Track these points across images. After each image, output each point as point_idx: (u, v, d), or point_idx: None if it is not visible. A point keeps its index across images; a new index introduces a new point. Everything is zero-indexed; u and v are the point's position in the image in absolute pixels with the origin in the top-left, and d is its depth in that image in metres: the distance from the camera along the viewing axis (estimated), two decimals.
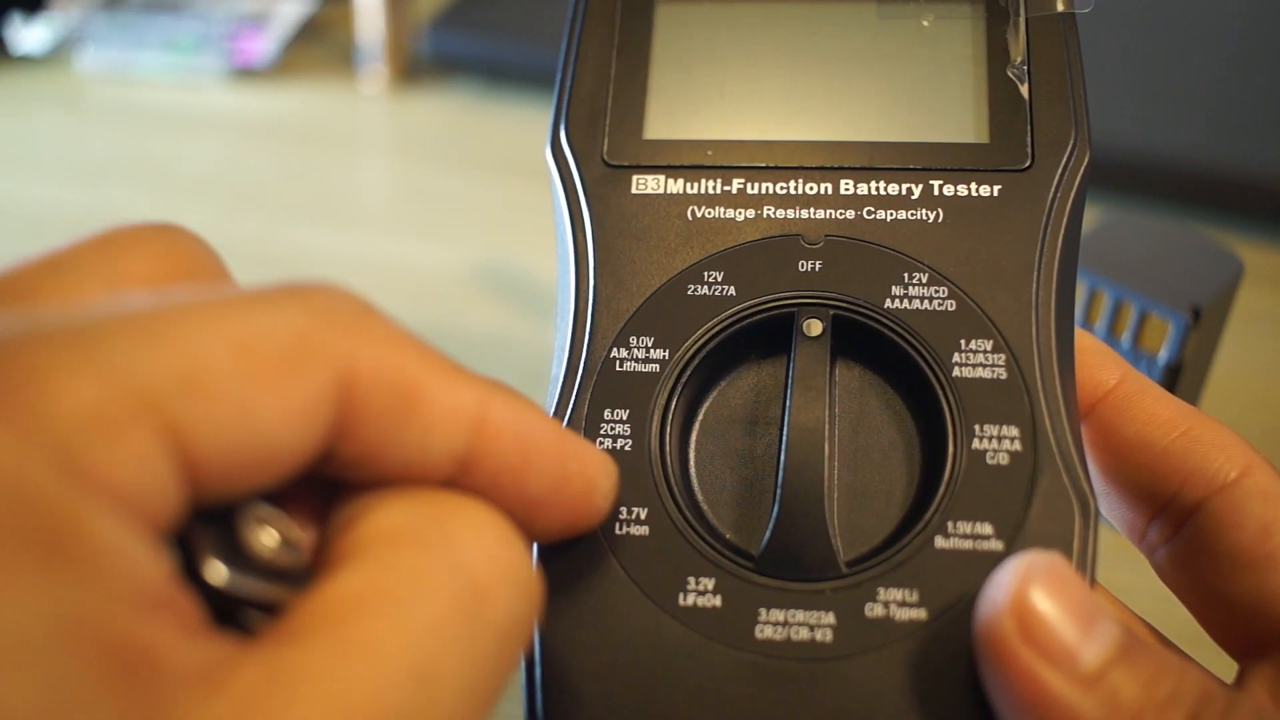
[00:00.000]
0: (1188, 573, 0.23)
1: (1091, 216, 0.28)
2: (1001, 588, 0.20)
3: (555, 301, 0.26)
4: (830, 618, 0.21)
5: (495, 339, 0.49)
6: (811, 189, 0.25)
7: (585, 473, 0.19)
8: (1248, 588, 0.22)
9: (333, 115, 0.67)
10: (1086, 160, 0.25)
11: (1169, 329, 0.37)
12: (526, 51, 0.66)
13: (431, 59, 0.69)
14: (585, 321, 0.25)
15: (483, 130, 0.65)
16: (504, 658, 0.16)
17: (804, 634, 0.21)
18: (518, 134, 0.64)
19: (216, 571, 0.15)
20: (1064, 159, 0.25)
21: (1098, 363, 0.25)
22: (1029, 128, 0.25)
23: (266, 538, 0.16)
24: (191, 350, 0.14)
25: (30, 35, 0.70)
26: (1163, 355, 0.37)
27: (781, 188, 0.25)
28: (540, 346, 0.49)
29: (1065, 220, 0.24)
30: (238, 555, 0.16)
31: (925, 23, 0.27)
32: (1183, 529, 0.23)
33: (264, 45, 0.70)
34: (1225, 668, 0.23)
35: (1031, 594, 0.19)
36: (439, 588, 0.15)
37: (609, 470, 0.20)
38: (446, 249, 0.55)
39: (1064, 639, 0.19)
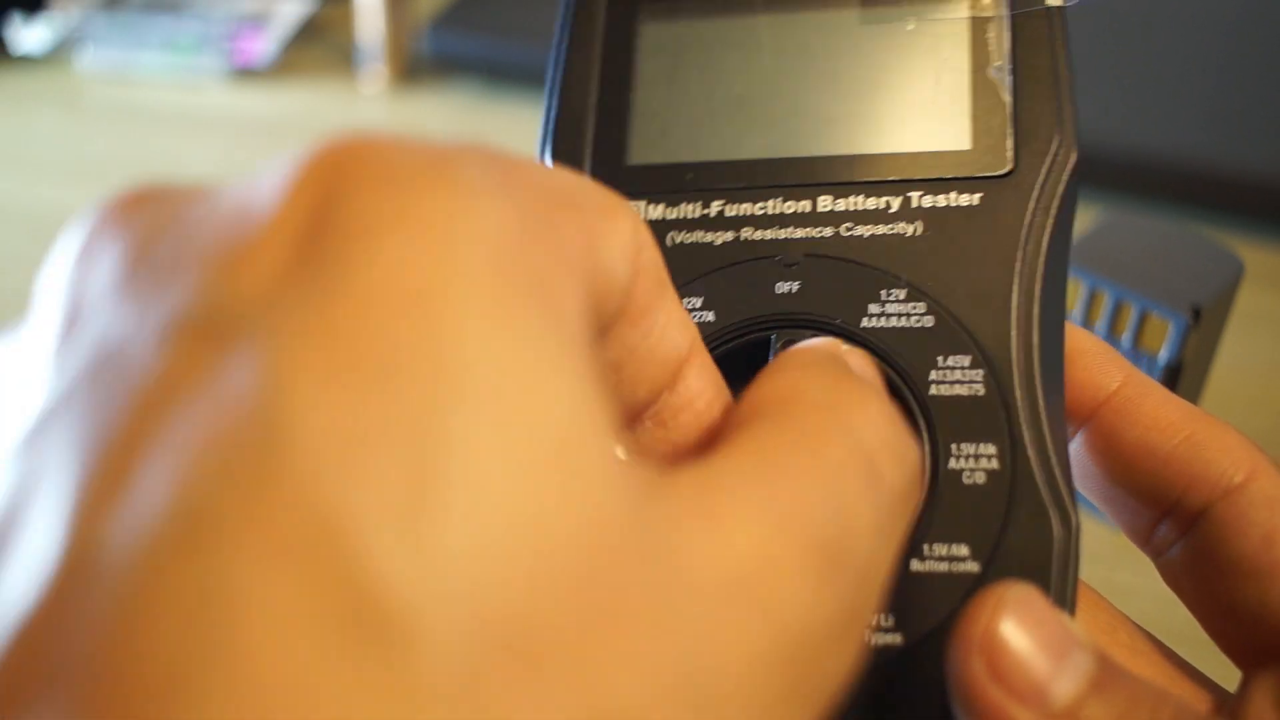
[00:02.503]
0: (1192, 578, 0.23)
1: (1091, 216, 0.28)
2: (970, 624, 0.19)
3: None
4: None
5: None
6: (790, 207, 0.25)
7: None
8: (1251, 596, 0.22)
9: (333, 115, 0.67)
10: (1072, 162, 0.24)
11: (1169, 329, 0.37)
12: (526, 51, 0.66)
13: (431, 59, 0.69)
14: None
15: (483, 130, 0.65)
16: (895, 529, 0.16)
17: None
18: (518, 134, 0.64)
19: None
20: (1047, 162, 0.24)
21: (1099, 365, 0.24)
22: (1010, 131, 0.25)
23: None
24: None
25: (30, 35, 0.70)
26: (1163, 355, 0.37)
27: (760, 208, 0.25)
28: None
29: (1050, 226, 0.24)
30: None
31: (910, 27, 0.27)
32: (1188, 534, 0.23)
33: (264, 45, 0.70)
34: (1229, 673, 0.23)
35: (1000, 630, 0.19)
36: (839, 443, 0.16)
37: None
38: None
39: (1034, 675, 0.19)
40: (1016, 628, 0.19)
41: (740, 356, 0.24)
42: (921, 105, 0.26)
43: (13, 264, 0.54)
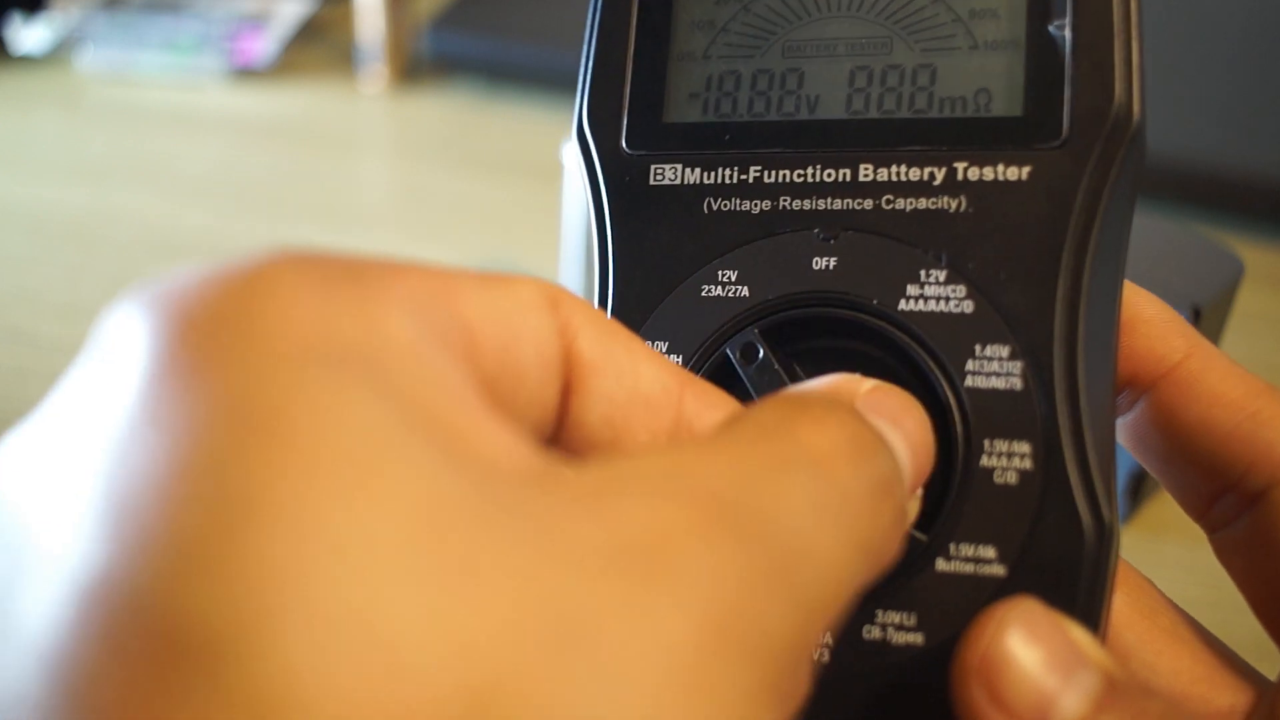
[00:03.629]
0: (1245, 558, 0.22)
1: None
2: (970, 648, 0.19)
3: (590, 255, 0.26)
4: (827, 638, 0.21)
5: None
6: (829, 176, 0.24)
7: None
8: None
9: (333, 115, 0.67)
10: (1132, 129, 0.22)
11: None
12: (526, 51, 0.66)
13: (431, 59, 0.69)
14: None
15: (482, 130, 0.65)
16: (849, 518, 0.16)
17: None
18: (518, 134, 0.64)
19: None
20: (1104, 130, 0.22)
21: (1161, 334, 0.23)
22: (1066, 96, 0.22)
23: None
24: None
25: (30, 35, 0.70)
26: None
27: (799, 175, 0.24)
28: None
29: (1104, 198, 0.22)
30: None
31: None
32: (1244, 513, 0.22)
33: (264, 45, 0.70)
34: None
35: (999, 655, 0.19)
36: (778, 439, 0.16)
37: None
38: (446, 249, 0.55)
39: (1034, 699, 0.18)
40: (1017, 649, 0.19)
41: (771, 334, 0.23)
42: (973, 64, 0.24)
43: (13, 264, 0.54)
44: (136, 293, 0.13)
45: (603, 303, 0.24)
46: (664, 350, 0.23)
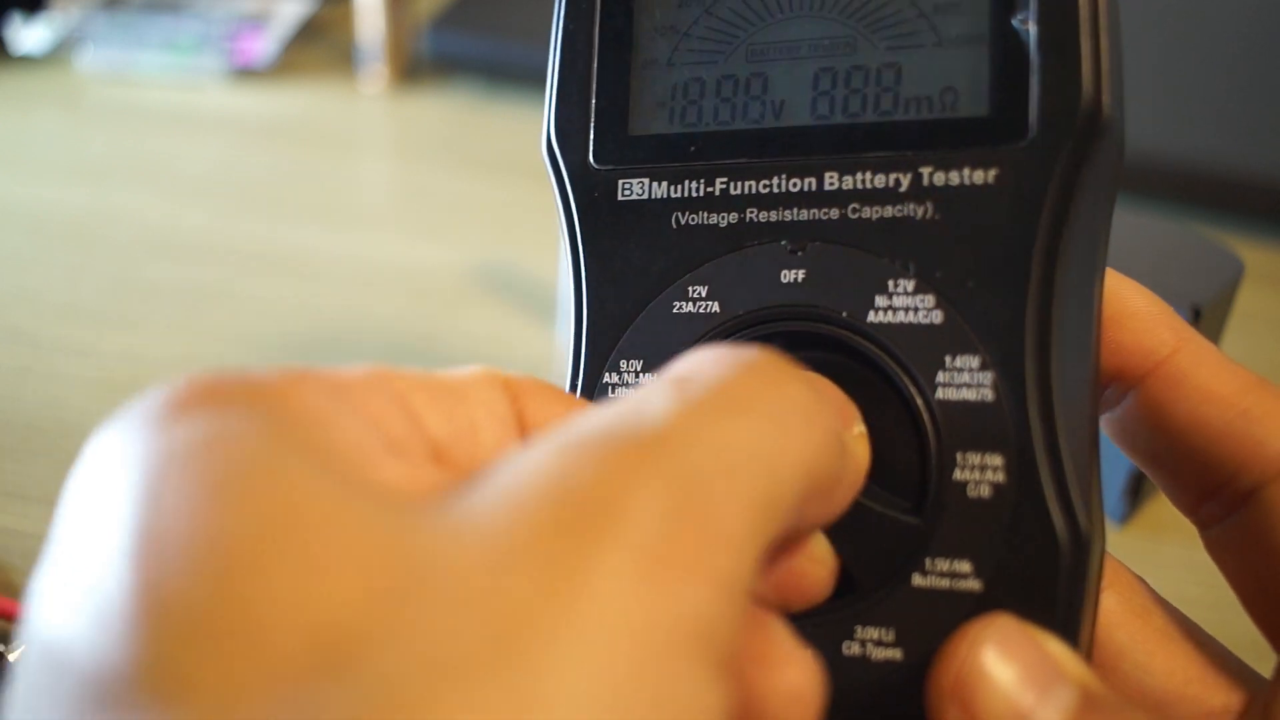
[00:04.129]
0: (1237, 556, 0.22)
1: None
2: (943, 670, 0.19)
3: (555, 301, 0.26)
4: None
5: (494, 338, 0.49)
6: (795, 185, 0.23)
7: None
8: None
9: (333, 115, 0.67)
10: (1102, 125, 0.21)
11: None
12: (526, 51, 0.66)
13: (431, 59, 0.69)
14: (581, 344, 0.24)
15: (482, 130, 0.65)
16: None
17: None
18: (517, 134, 0.64)
19: None
20: (1072, 127, 0.21)
21: (1149, 328, 0.22)
22: (1032, 93, 0.21)
23: None
24: None
25: (30, 35, 0.70)
26: None
27: (765, 186, 0.24)
28: (539, 346, 0.49)
29: (1075, 202, 0.21)
30: None
31: None
32: (1237, 511, 0.22)
33: (264, 45, 0.70)
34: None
35: (974, 671, 0.19)
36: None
37: None
38: (446, 249, 0.55)
39: (1009, 716, 0.18)
40: (991, 666, 0.19)
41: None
42: (939, 62, 0.23)
43: (13, 264, 0.54)
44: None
45: (579, 323, 0.24)
46: (639, 369, 0.23)
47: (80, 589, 0.14)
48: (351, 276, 0.53)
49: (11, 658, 0.32)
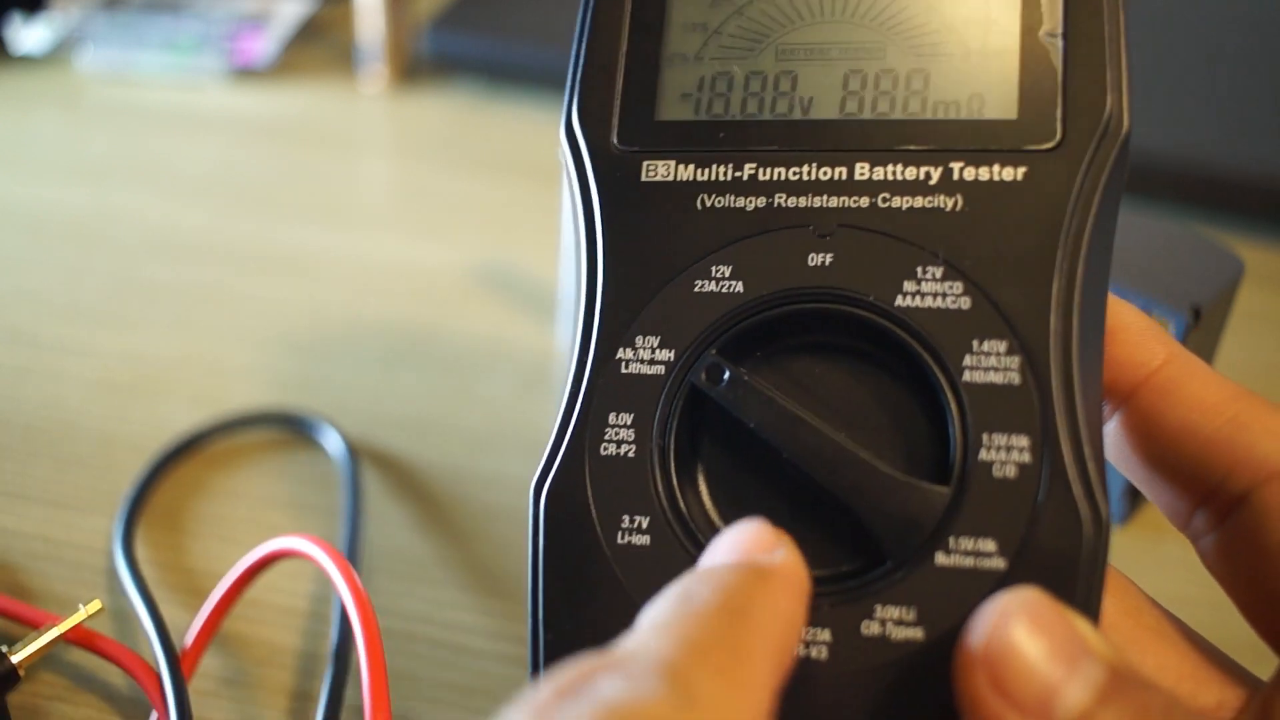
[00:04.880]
0: (1231, 563, 0.22)
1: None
2: (973, 636, 0.19)
3: (555, 301, 0.26)
4: (826, 634, 0.21)
5: (494, 339, 0.49)
6: (825, 174, 0.24)
7: None
8: None
9: (333, 115, 0.67)
10: (1123, 135, 0.23)
11: (1169, 329, 0.37)
12: (526, 51, 0.66)
13: (431, 59, 0.69)
14: (594, 319, 0.24)
15: (482, 130, 0.65)
16: None
17: (800, 651, 0.21)
18: (518, 134, 0.64)
19: None
20: (1096, 135, 0.23)
21: (1141, 340, 0.23)
22: (1059, 101, 0.23)
23: None
24: None
25: (30, 35, 0.70)
26: None
27: (794, 173, 0.24)
28: (540, 346, 0.49)
29: (1096, 204, 0.22)
30: None
31: None
32: (1229, 518, 0.22)
33: (264, 45, 0.70)
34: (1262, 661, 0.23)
35: (1003, 643, 0.19)
36: None
37: None
38: (446, 249, 0.55)
39: (1038, 688, 0.18)
40: (1022, 639, 0.19)
41: (766, 330, 0.23)
42: (967, 70, 0.24)
43: (13, 264, 0.54)
44: None
45: (590, 300, 0.24)
46: (655, 346, 0.23)
47: None
48: (351, 276, 0.53)
49: (14, 659, 0.32)
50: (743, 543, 0.20)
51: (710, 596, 0.18)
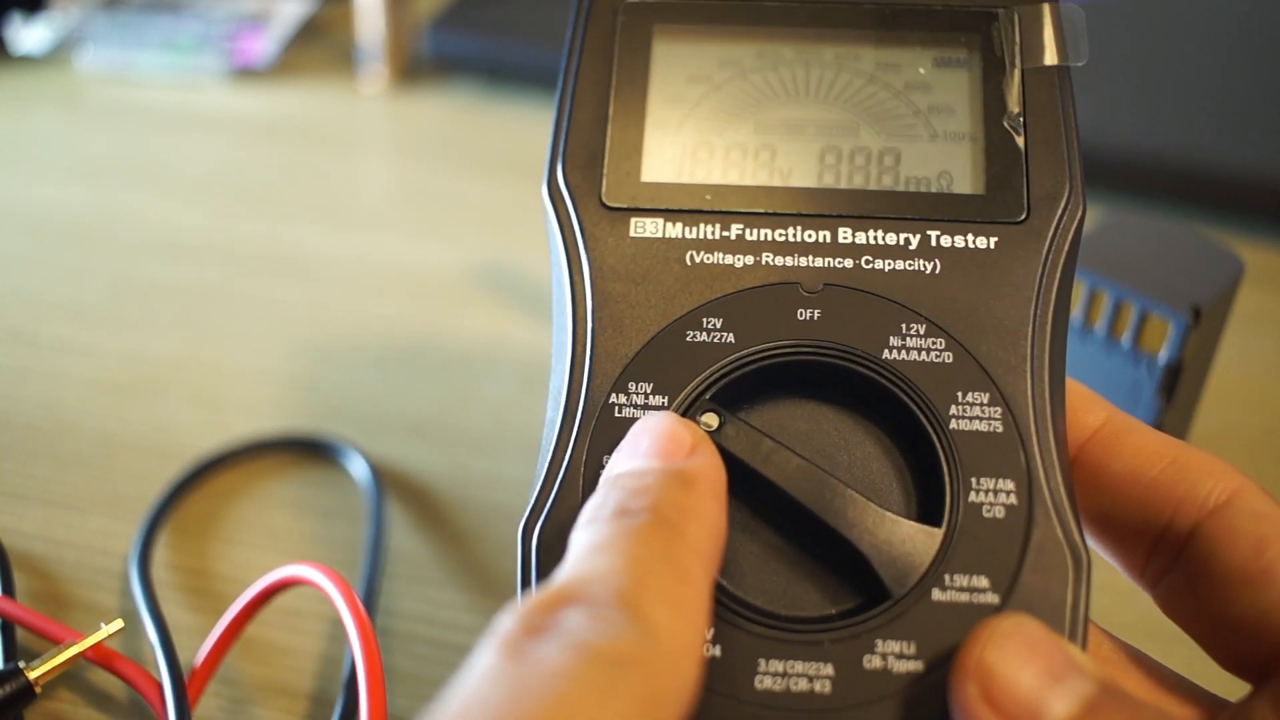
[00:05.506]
0: (1187, 600, 0.23)
1: (1092, 216, 0.28)
2: (966, 651, 0.20)
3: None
4: (829, 669, 0.22)
5: (494, 339, 0.49)
6: (810, 236, 0.25)
7: None
8: (1246, 605, 0.22)
9: (333, 115, 0.67)
10: (1080, 214, 0.25)
11: (1169, 329, 0.37)
12: (526, 51, 0.66)
13: (431, 59, 0.69)
14: (583, 364, 0.25)
15: (482, 130, 0.65)
16: None
17: (803, 685, 0.21)
18: (518, 134, 0.64)
19: None
20: (1059, 212, 0.25)
21: (1083, 405, 0.25)
22: (1025, 181, 0.26)
23: None
24: None
25: (30, 35, 0.70)
26: (1163, 355, 0.37)
27: (780, 234, 0.26)
28: (539, 346, 0.49)
29: (1059, 273, 0.25)
30: None
31: (922, 70, 0.27)
32: (1179, 558, 0.23)
33: (264, 45, 0.70)
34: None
35: (994, 657, 0.20)
36: None
37: None
38: (446, 249, 0.55)
39: (1026, 700, 0.19)
40: (1012, 654, 0.20)
41: (758, 380, 0.24)
42: (934, 150, 0.27)
43: (13, 264, 0.54)
44: None
45: (578, 345, 0.25)
46: (649, 392, 0.24)
47: None
48: (351, 276, 0.53)
49: (31, 675, 0.31)
50: (662, 443, 0.21)
51: (645, 511, 0.20)
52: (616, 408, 0.24)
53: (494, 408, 0.46)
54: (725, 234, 0.26)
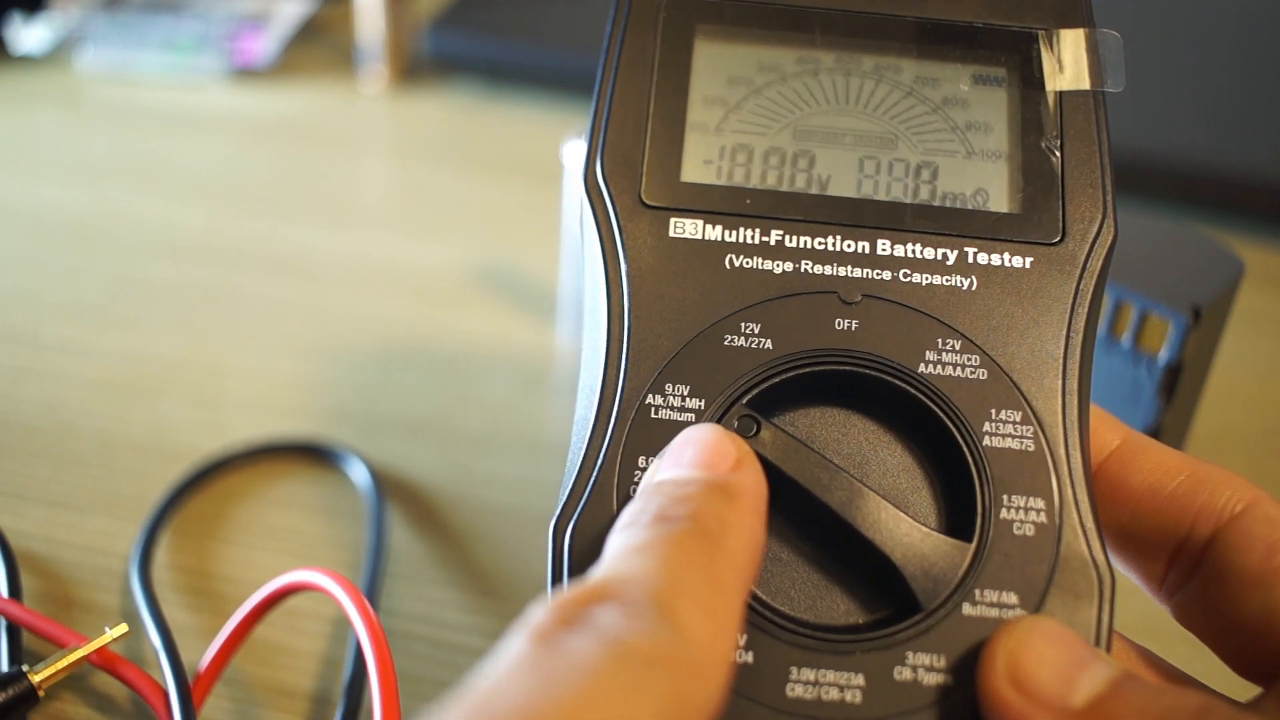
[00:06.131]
0: (1202, 606, 0.24)
1: None
2: (995, 641, 0.21)
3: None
4: (860, 679, 0.22)
5: (494, 339, 0.49)
6: (849, 247, 0.26)
7: None
8: (1256, 607, 0.22)
9: (333, 115, 0.67)
10: (1112, 239, 0.26)
11: (1169, 329, 0.37)
12: (526, 51, 0.66)
13: (431, 59, 0.69)
14: (619, 363, 0.24)
15: (482, 130, 0.65)
16: None
17: (834, 694, 0.22)
18: (518, 134, 0.64)
19: None
20: (1093, 236, 0.26)
21: (1101, 424, 0.25)
22: (1061, 203, 0.26)
23: None
24: None
25: (30, 35, 0.70)
26: (1163, 355, 0.37)
27: (820, 243, 0.26)
28: (539, 347, 0.49)
29: (1091, 296, 0.25)
30: None
31: (962, 86, 0.28)
32: (1197, 568, 0.24)
33: (264, 45, 0.70)
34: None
35: (1017, 645, 0.21)
36: None
37: None
38: (446, 249, 0.55)
39: (1053, 680, 0.20)
40: (1036, 643, 0.21)
41: (797, 387, 0.25)
42: (971, 167, 0.27)
43: (13, 264, 0.54)
44: None
45: (614, 343, 0.25)
46: (686, 394, 0.24)
47: None
48: (351, 276, 0.53)
49: (35, 678, 0.31)
50: (706, 454, 0.21)
51: (685, 520, 0.20)
52: (653, 409, 0.24)
53: (494, 408, 0.46)
54: (765, 239, 0.26)
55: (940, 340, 0.25)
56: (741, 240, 0.26)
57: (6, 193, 0.59)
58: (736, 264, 0.25)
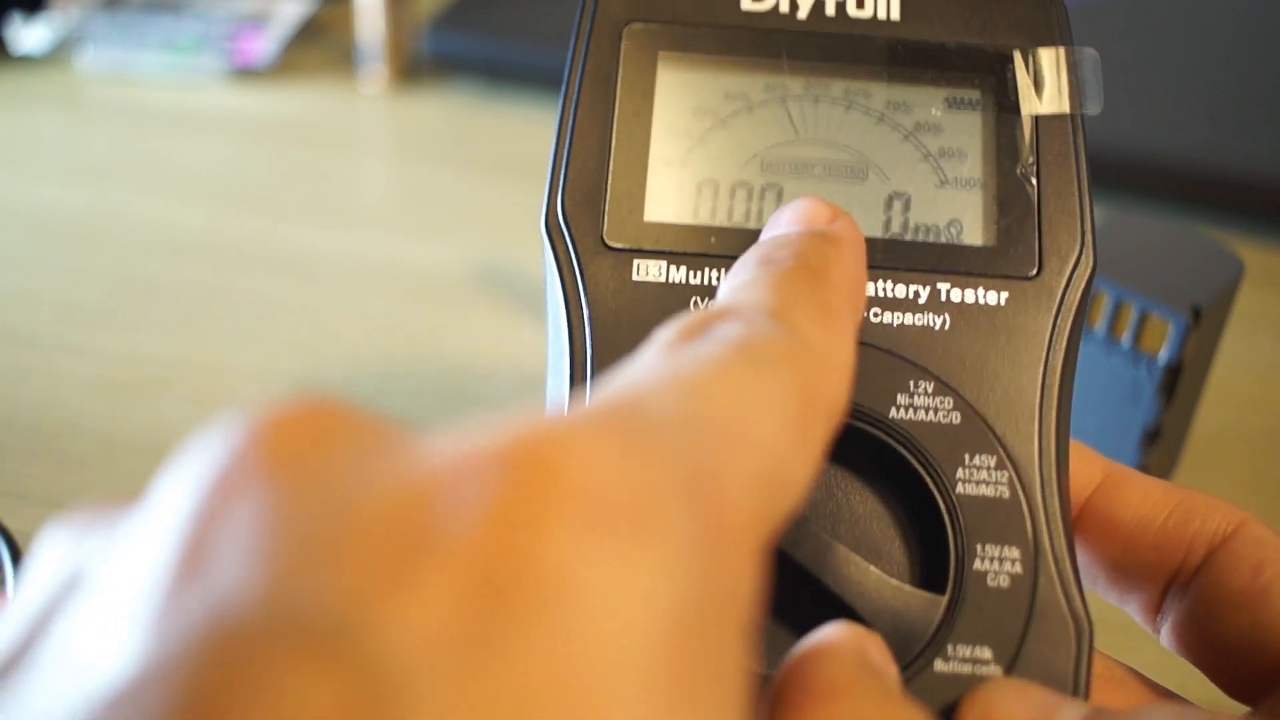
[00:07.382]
0: (1190, 628, 0.24)
1: None
2: (964, 707, 0.21)
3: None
4: None
5: (494, 339, 0.49)
6: None
7: None
8: (1244, 625, 0.23)
9: (333, 115, 0.67)
10: (1090, 271, 0.25)
11: (1169, 329, 0.37)
12: (526, 51, 0.66)
13: (431, 59, 0.69)
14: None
15: (482, 130, 0.65)
16: None
17: None
18: (518, 134, 0.64)
19: None
20: (1070, 268, 0.25)
21: (1080, 461, 0.25)
22: (1037, 234, 0.25)
23: None
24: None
25: (30, 35, 0.70)
26: (1163, 355, 0.37)
27: None
28: (540, 346, 0.49)
29: (1068, 331, 0.24)
30: None
31: (934, 111, 0.27)
32: (1187, 594, 0.24)
33: (264, 45, 0.70)
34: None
35: (991, 704, 0.20)
36: None
37: None
38: (446, 249, 0.55)
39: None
40: (1006, 698, 0.20)
41: None
42: (944, 197, 0.26)
43: (13, 264, 0.54)
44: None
45: (577, 394, 0.24)
46: None
47: None
48: (351, 276, 0.53)
49: None
50: (803, 215, 0.22)
51: (790, 258, 0.20)
52: None
53: (494, 408, 0.46)
54: None
55: (912, 383, 0.24)
56: (706, 283, 0.25)
57: (6, 193, 0.59)
58: (702, 307, 0.24)
